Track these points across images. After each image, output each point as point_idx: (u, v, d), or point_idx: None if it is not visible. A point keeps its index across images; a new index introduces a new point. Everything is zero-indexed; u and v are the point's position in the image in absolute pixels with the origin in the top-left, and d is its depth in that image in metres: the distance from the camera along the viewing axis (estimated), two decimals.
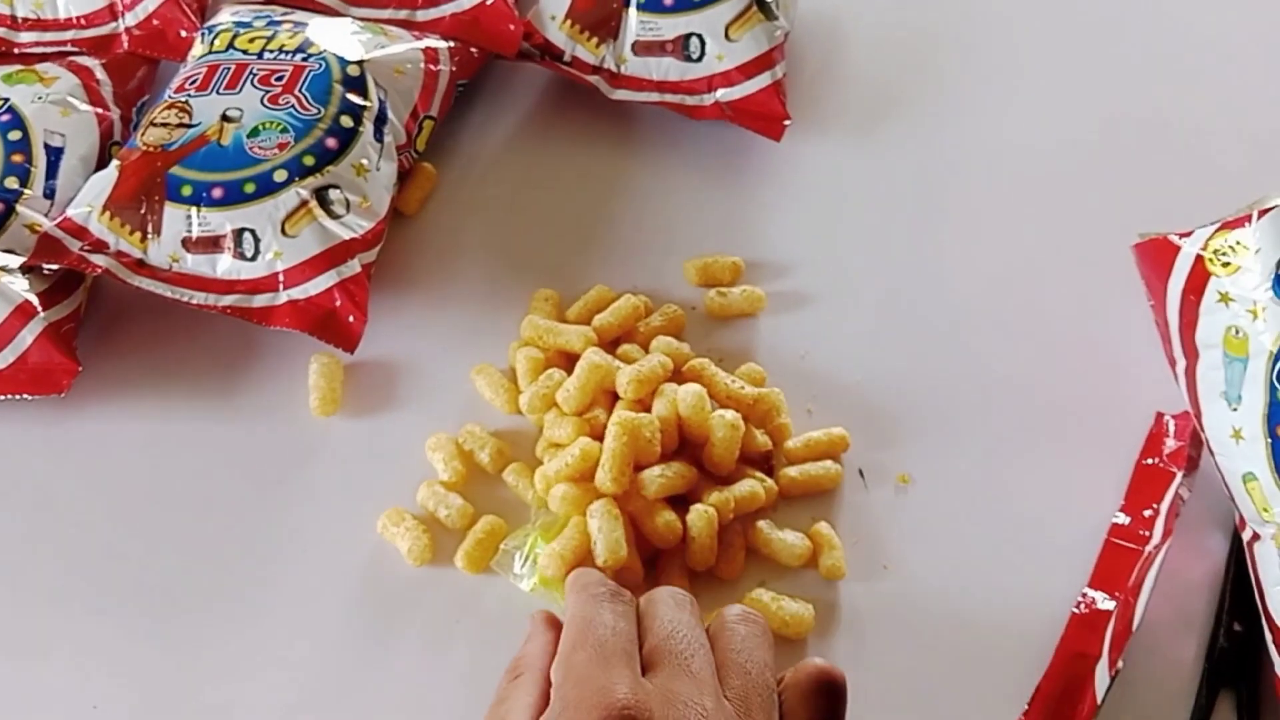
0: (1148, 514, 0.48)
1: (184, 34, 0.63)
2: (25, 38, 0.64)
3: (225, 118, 0.54)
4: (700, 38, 0.60)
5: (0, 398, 0.52)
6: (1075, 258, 0.57)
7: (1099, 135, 0.63)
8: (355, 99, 0.56)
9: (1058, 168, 0.61)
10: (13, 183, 0.55)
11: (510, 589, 0.46)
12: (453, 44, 0.62)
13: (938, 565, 0.47)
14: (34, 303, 0.52)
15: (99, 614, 0.47)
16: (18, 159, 0.56)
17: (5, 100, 0.58)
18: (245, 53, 0.57)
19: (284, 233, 0.52)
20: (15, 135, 0.56)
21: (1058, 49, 0.68)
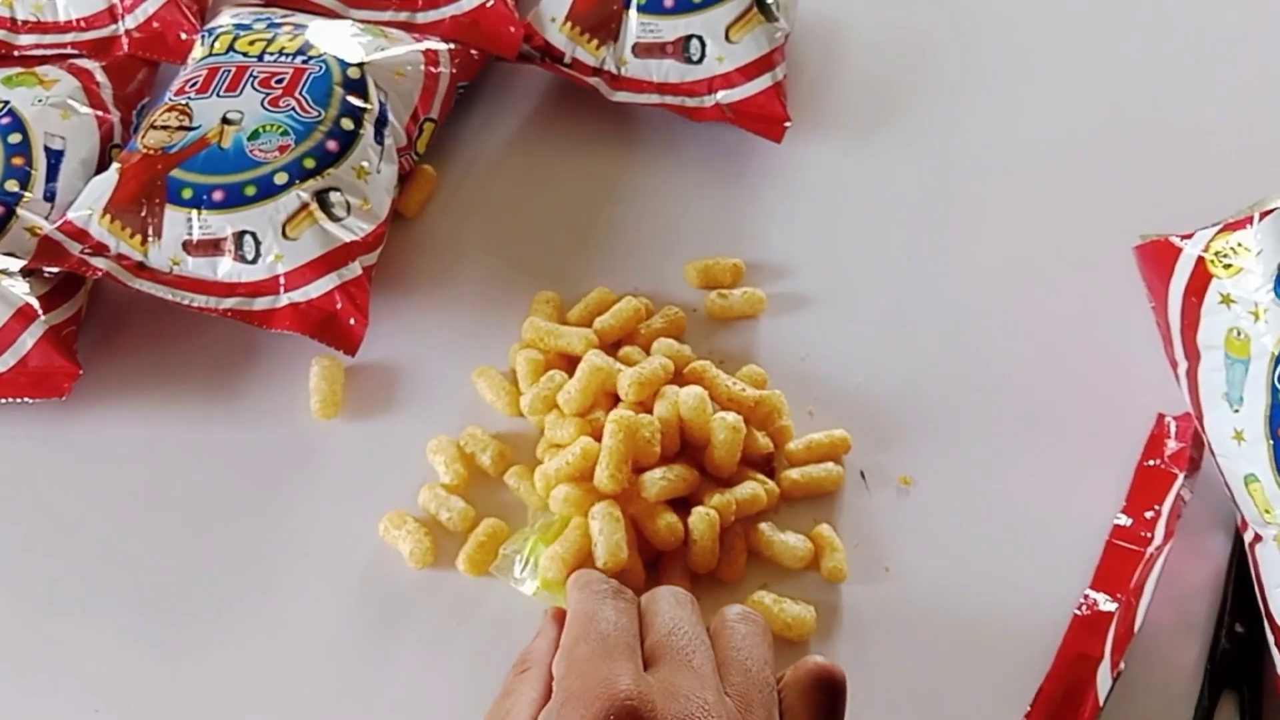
0: (1149, 515, 0.48)
1: (184, 36, 0.63)
2: (25, 40, 0.64)
3: (226, 120, 0.54)
4: (700, 39, 0.60)
5: (1, 401, 0.52)
6: (1076, 259, 0.57)
7: (1100, 136, 0.63)
8: (356, 101, 0.56)
9: (1058, 169, 0.61)
10: (13, 186, 0.55)
11: (512, 591, 0.46)
12: (453, 46, 0.62)
13: (939, 567, 0.47)
14: (34, 306, 0.52)
15: (100, 617, 0.47)
16: (18, 162, 0.56)
17: (5, 103, 0.58)
18: (245, 55, 0.57)
19: (285, 235, 0.52)
20: (15, 138, 0.56)
21: (1058, 50, 0.68)
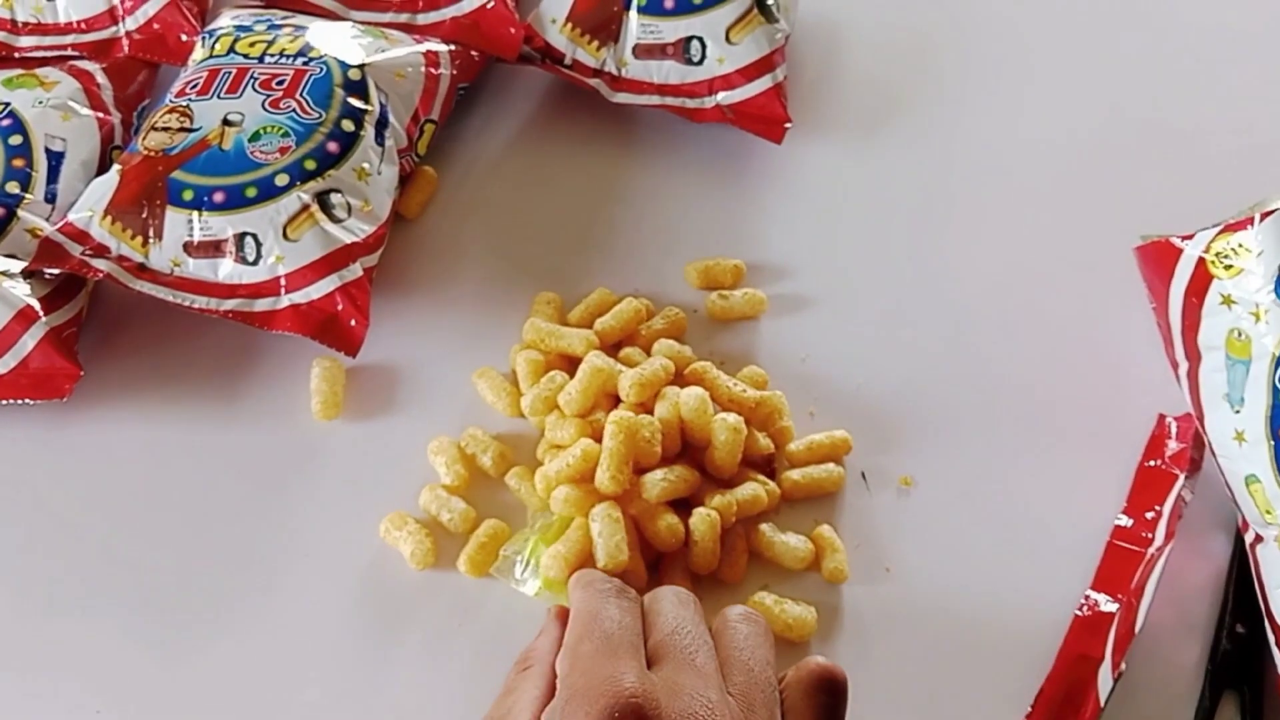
0: (1150, 516, 0.48)
1: (184, 38, 0.63)
2: (25, 42, 0.64)
3: (226, 122, 0.54)
4: (701, 40, 0.60)
5: (2, 403, 0.52)
6: (1077, 260, 0.57)
7: (1100, 137, 0.63)
8: (356, 103, 0.56)
9: (1059, 169, 0.61)
10: (14, 187, 0.55)
11: (513, 592, 0.46)
12: (453, 47, 0.62)
13: (940, 568, 0.47)
14: (35, 307, 0.52)
15: (101, 618, 0.47)
16: (19, 164, 0.56)
17: (6, 105, 0.58)
18: (246, 57, 0.57)
19: (286, 237, 0.52)
20: (16, 140, 0.56)
21: (1058, 51, 0.68)
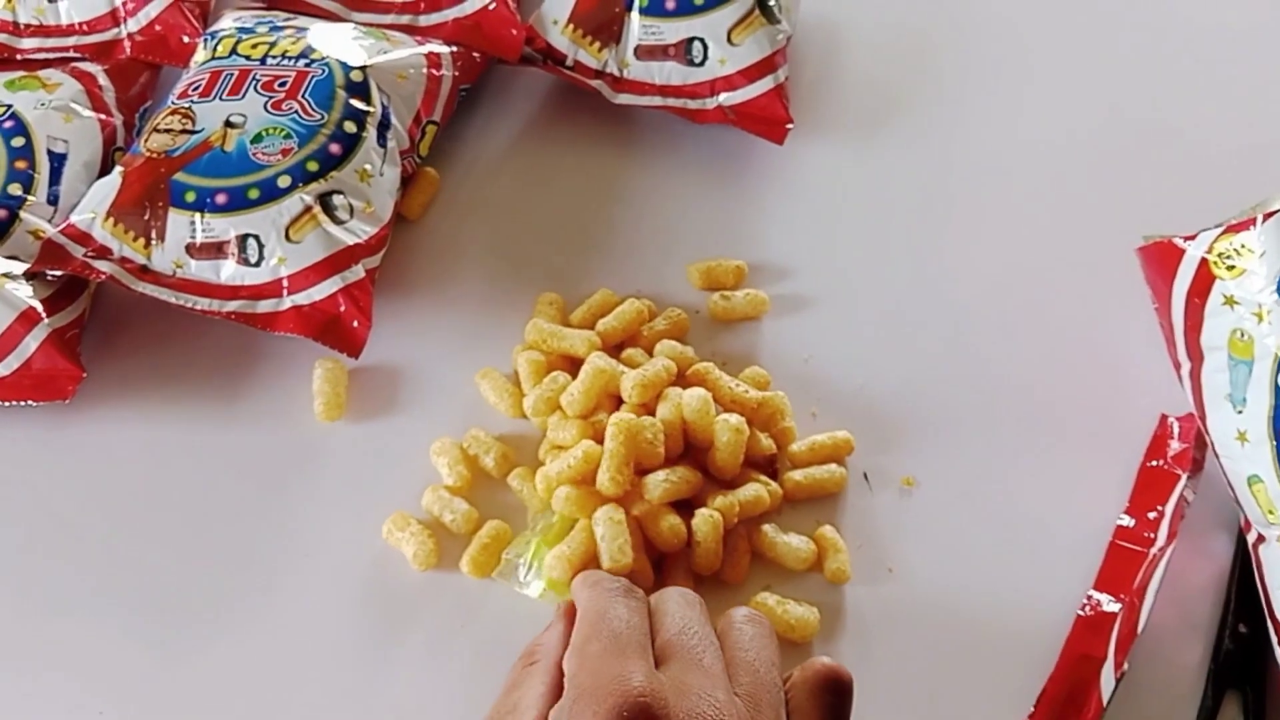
0: (1152, 516, 0.48)
1: (186, 40, 0.63)
2: (28, 44, 0.64)
3: (228, 124, 0.54)
4: (703, 41, 0.60)
5: (4, 404, 0.52)
6: (1079, 260, 0.57)
7: (1102, 137, 0.63)
8: (358, 104, 0.56)
9: (1061, 170, 0.61)
10: (16, 189, 0.55)
11: (515, 593, 0.46)
12: (455, 49, 0.62)
13: (942, 568, 0.47)
14: (38, 309, 0.52)
15: (103, 619, 0.47)
16: (21, 165, 0.56)
17: (8, 107, 0.58)
18: (248, 59, 0.57)
19: (288, 238, 0.52)
20: (18, 141, 0.56)
21: (1059, 52, 0.68)
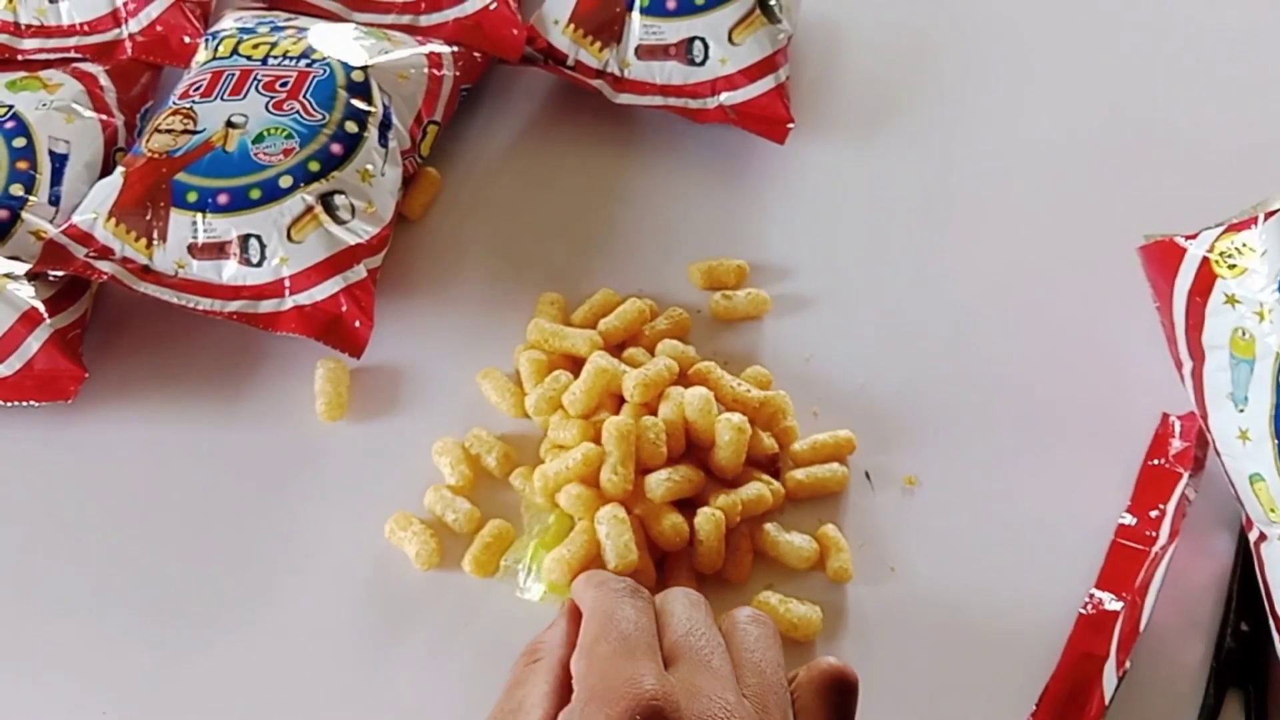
0: (1154, 515, 0.48)
1: (187, 40, 0.63)
2: (29, 44, 0.64)
3: (230, 124, 0.54)
4: (703, 41, 0.60)
5: (6, 404, 0.52)
6: (1080, 259, 0.57)
7: (1103, 137, 0.63)
8: (360, 104, 0.56)
9: (1062, 169, 0.61)
10: (18, 189, 0.55)
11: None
12: (456, 49, 0.62)
13: (945, 567, 0.48)
14: (40, 309, 0.52)
15: (105, 619, 0.47)
16: (22, 166, 0.56)
17: (10, 107, 0.58)
18: (249, 59, 0.57)
19: (290, 238, 0.52)
20: (20, 142, 0.56)
21: (1060, 51, 0.68)
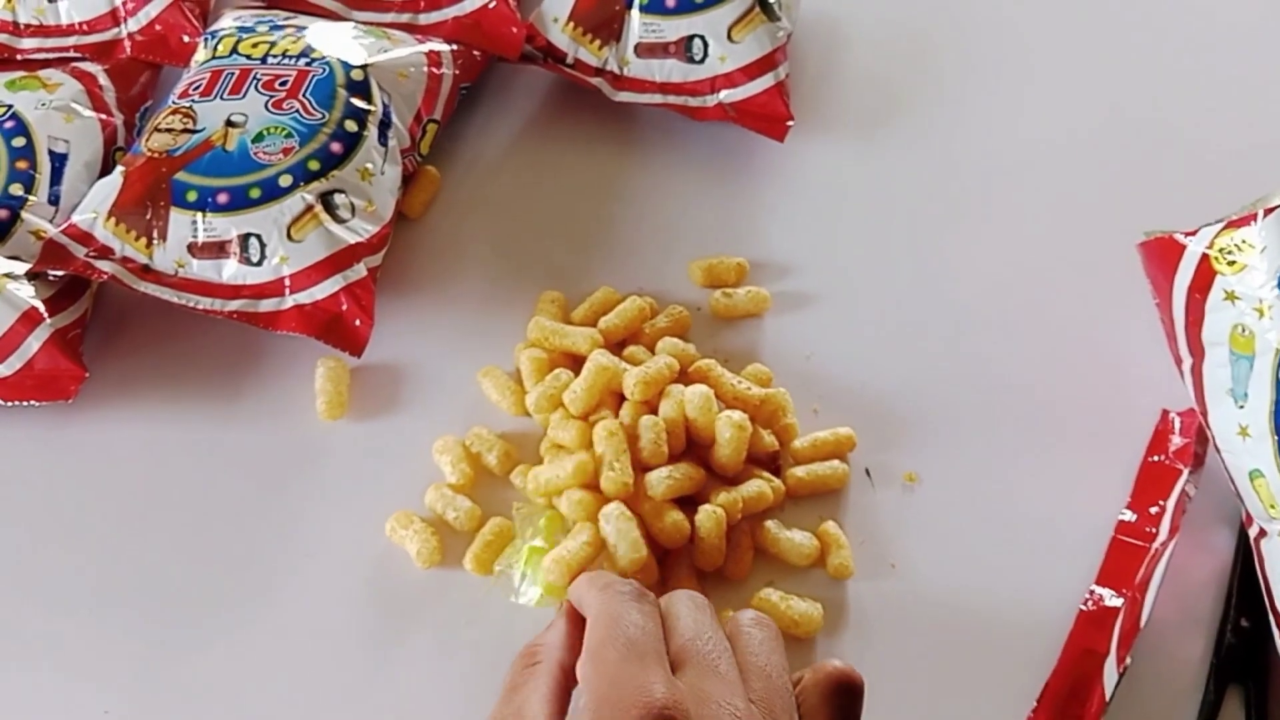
0: (1154, 511, 0.48)
1: (186, 39, 0.63)
2: (28, 44, 0.64)
3: (230, 123, 0.54)
4: (703, 39, 0.60)
5: (7, 404, 0.52)
6: (1080, 256, 0.57)
7: (1103, 134, 0.63)
8: (359, 103, 0.56)
9: (1062, 166, 0.62)
10: (17, 189, 0.55)
11: None
12: (455, 47, 0.62)
13: (945, 563, 0.48)
14: (40, 309, 0.52)
15: (107, 619, 0.47)
16: (22, 165, 0.56)
17: (9, 107, 0.58)
18: (248, 58, 0.57)
19: (290, 237, 0.52)
20: (19, 142, 0.56)
21: (1060, 49, 0.68)
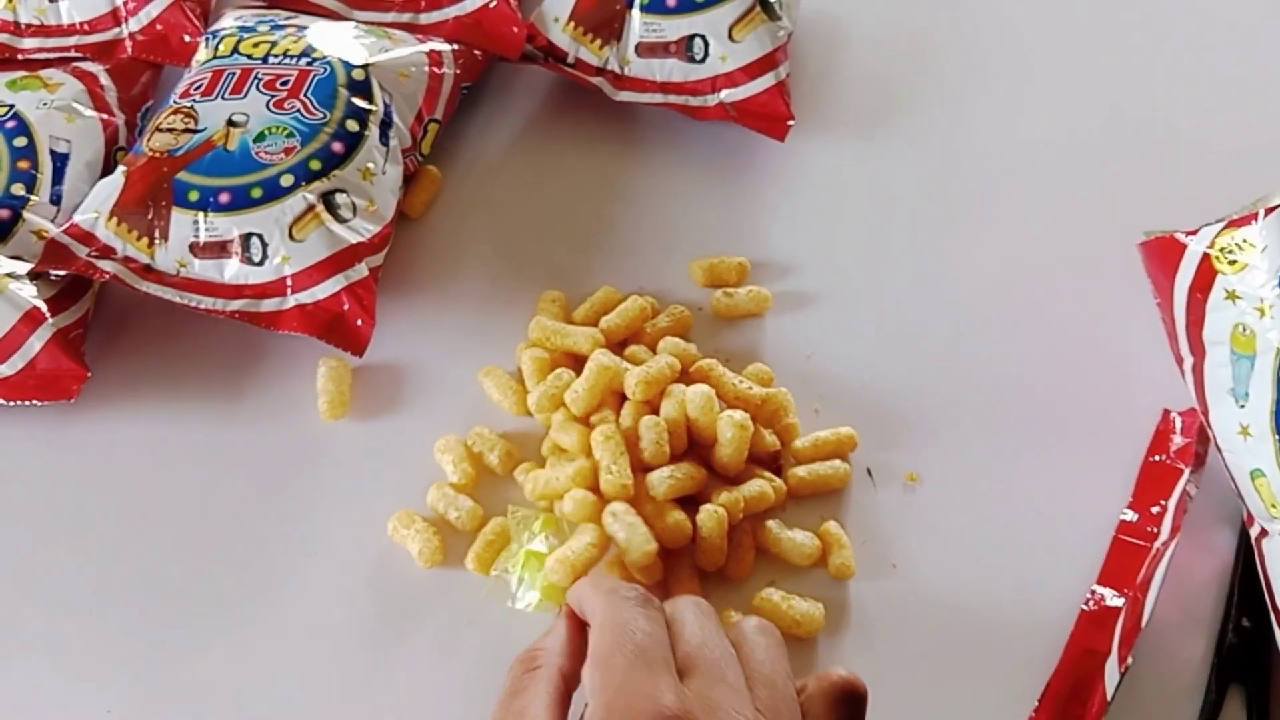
0: (1155, 510, 0.48)
1: (187, 39, 0.63)
2: (29, 44, 0.64)
3: (231, 123, 0.54)
4: (703, 38, 0.60)
5: (9, 404, 0.52)
6: (1081, 256, 0.57)
7: (1103, 133, 0.63)
8: (360, 103, 0.56)
9: (1063, 166, 0.62)
10: (19, 189, 0.55)
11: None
12: (456, 47, 0.62)
13: (946, 563, 0.48)
14: (42, 309, 0.52)
15: (109, 618, 0.47)
16: (24, 165, 0.56)
17: (10, 107, 0.58)
18: (250, 58, 0.57)
19: (291, 237, 0.52)
20: (21, 141, 0.56)
21: (1060, 48, 0.68)
